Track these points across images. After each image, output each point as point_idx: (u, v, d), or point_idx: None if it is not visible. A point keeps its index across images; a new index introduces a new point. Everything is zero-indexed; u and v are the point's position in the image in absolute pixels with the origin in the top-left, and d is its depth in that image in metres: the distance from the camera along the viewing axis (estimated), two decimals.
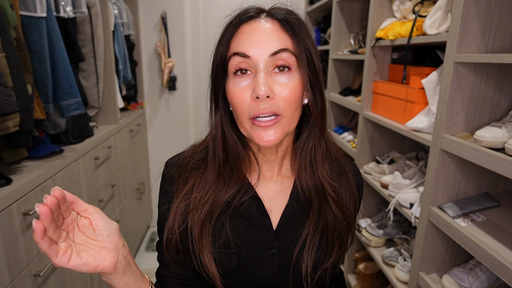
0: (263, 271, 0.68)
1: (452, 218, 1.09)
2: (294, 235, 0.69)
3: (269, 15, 0.61)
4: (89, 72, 1.83)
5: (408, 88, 1.37)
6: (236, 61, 0.59)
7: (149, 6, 2.72)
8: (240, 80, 0.60)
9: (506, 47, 1.04)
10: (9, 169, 1.24)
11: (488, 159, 0.91)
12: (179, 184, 0.69)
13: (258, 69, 0.58)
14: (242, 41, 0.59)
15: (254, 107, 0.59)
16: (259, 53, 0.58)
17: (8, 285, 1.03)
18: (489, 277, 1.12)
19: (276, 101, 0.58)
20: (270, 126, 0.59)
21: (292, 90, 0.59)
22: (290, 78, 0.59)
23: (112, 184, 1.99)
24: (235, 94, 0.60)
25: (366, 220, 1.80)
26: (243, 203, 0.67)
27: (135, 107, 2.68)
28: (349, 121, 2.27)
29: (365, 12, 2.09)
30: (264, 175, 0.71)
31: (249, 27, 0.60)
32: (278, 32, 0.59)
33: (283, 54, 0.58)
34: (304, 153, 0.69)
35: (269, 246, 0.68)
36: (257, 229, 0.68)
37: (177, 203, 0.67)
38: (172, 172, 0.71)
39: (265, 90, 0.56)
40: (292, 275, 0.68)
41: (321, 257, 0.69)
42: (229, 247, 0.66)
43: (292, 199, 0.70)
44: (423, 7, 1.28)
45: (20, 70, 1.13)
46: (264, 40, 0.58)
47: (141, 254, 2.58)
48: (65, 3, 1.55)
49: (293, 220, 0.69)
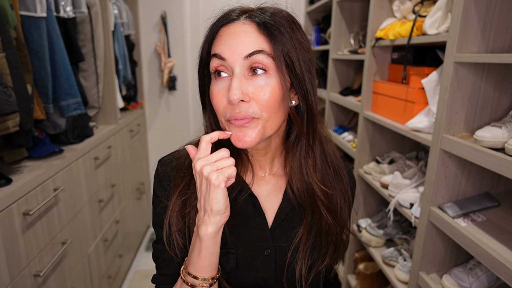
0: (259, 272, 0.68)
1: (452, 218, 1.09)
2: (288, 236, 0.69)
3: (248, 17, 0.60)
4: (89, 72, 1.83)
5: (408, 88, 1.37)
6: (214, 63, 0.60)
7: (149, 6, 2.72)
8: (219, 82, 0.61)
9: (506, 47, 1.04)
10: (9, 169, 1.24)
11: (488, 159, 0.91)
12: (176, 181, 0.69)
13: (234, 72, 0.58)
14: (220, 43, 0.60)
15: (229, 110, 0.59)
16: (234, 55, 0.58)
17: (8, 285, 1.03)
18: (489, 277, 1.12)
19: (251, 104, 0.58)
20: (245, 126, 0.59)
21: (269, 93, 0.58)
22: (267, 81, 0.58)
23: (112, 184, 1.99)
24: (213, 95, 0.61)
25: (366, 220, 1.80)
26: (238, 202, 0.68)
27: (135, 107, 2.68)
28: (349, 121, 2.27)
29: (365, 12, 2.09)
30: (257, 174, 0.71)
31: (227, 29, 0.60)
32: (255, 34, 0.58)
33: (259, 56, 0.57)
34: (294, 158, 0.69)
35: (264, 246, 0.68)
36: (252, 228, 0.68)
37: (173, 200, 0.67)
38: (168, 170, 0.71)
39: (237, 95, 0.56)
40: (286, 277, 0.68)
41: (315, 260, 0.69)
42: (226, 246, 0.67)
43: (285, 199, 0.70)
44: (423, 7, 1.28)
45: (20, 70, 1.13)
46: (240, 42, 0.58)
47: (141, 254, 2.58)
48: (65, 3, 1.55)
49: (287, 221, 0.70)
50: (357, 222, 1.83)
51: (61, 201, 1.37)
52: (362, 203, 1.85)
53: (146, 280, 2.24)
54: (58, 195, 1.34)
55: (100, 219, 1.80)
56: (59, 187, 1.33)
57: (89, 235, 1.65)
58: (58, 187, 1.32)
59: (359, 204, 1.86)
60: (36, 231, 1.19)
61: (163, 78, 2.75)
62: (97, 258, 1.73)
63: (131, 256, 2.41)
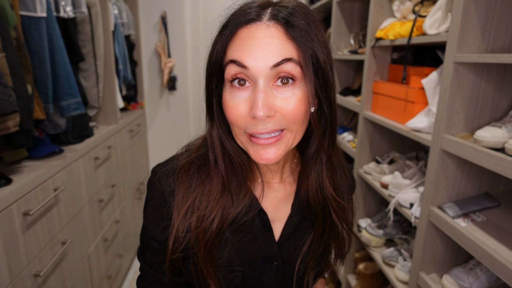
0: (265, 285, 0.65)
1: (452, 218, 1.09)
2: (298, 244, 0.67)
3: (273, 17, 0.52)
4: (89, 72, 1.83)
5: (408, 88, 1.37)
6: (233, 70, 0.52)
7: (149, 6, 2.72)
8: (237, 92, 0.53)
9: (506, 47, 1.04)
10: (9, 169, 1.24)
11: (488, 159, 0.91)
12: (178, 197, 0.61)
13: (257, 83, 0.51)
14: (240, 47, 0.52)
15: (251, 125, 0.53)
16: (258, 65, 0.50)
17: (8, 285, 1.03)
18: (489, 277, 1.12)
19: (277, 118, 0.52)
20: (271, 144, 0.53)
21: (296, 105, 0.52)
22: (294, 92, 0.52)
23: (112, 184, 1.99)
24: (230, 107, 0.54)
25: (366, 220, 1.80)
26: (246, 218, 0.62)
27: (135, 107, 2.68)
28: (349, 121, 2.27)
29: (365, 12, 2.08)
30: (266, 183, 0.66)
31: (248, 32, 0.52)
32: (282, 39, 0.51)
33: (287, 65, 0.51)
34: (313, 170, 0.63)
35: (272, 260, 0.65)
36: (260, 244, 0.64)
37: (178, 220, 0.60)
38: (165, 185, 0.63)
39: (265, 111, 0.50)
40: (294, 287, 0.67)
41: (321, 267, 0.69)
42: (232, 265, 0.63)
43: (294, 208, 0.67)
44: (423, 7, 1.28)
45: (20, 70, 1.13)
46: (265, 49, 0.50)
47: None
48: (65, 3, 1.55)
49: (296, 230, 0.67)
50: (357, 222, 1.83)
51: (61, 201, 1.37)
52: (362, 203, 1.85)
53: None
54: (58, 195, 1.34)
55: (100, 219, 1.80)
56: (59, 187, 1.33)
57: (89, 235, 1.65)
58: (58, 187, 1.32)
59: (359, 204, 1.86)
60: (36, 231, 1.19)
61: (163, 78, 2.75)
62: (97, 258, 1.73)
63: (131, 256, 2.41)
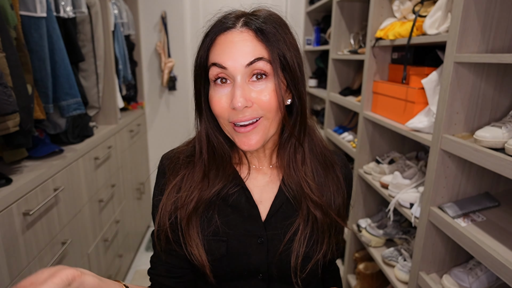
0: (250, 259, 0.70)
1: (452, 218, 1.09)
2: (284, 225, 0.72)
3: (245, 24, 0.63)
4: (89, 72, 1.83)
5: (408, 88, 1.37)
6: (215, 71, 0.63)
7: (149, 6, 2.72)
8: (220, 89, 0.64)
9: (506, 47, 1.04)
10: (9, 169, 1.24)
11: (488, 159, 0.91)
12: (169, 178, 0.73)
13: (235, 80, 0.61)
14: (219, 52, 0.62)
15: (232, 114, 0.63)
16: (235, 64, 0.61)
17: (8, 285, 1.03)
18: (489, 277, 1.12)
19: (254, 108, 0.62)
20: (250, 131, 0.64)
21: (270, 95, 0.62)
22: (267, 85, 0.62)
23: (112, 184, 1.99)
24: (215, 101, 0.64)
25: (366, 220, 1.80)
26: (232, 195, 0.71)
27: (135, 107, 2.68)
28: (349, 121, 2.27)
29: (365, 12, 2.09)
30: (253, 167, 0.75)
31: (225, 38, 0.62)
32: (253, 42, 0.61)
33: (259, 63, 0.61)
34: (284, 153, 0.73)
35: (257, 234, 0.71)
36: (245, 219, 0.71)
37: (165, 196, 0.71)
38: (165, 165, 0.76)
39: (242, 102, 0.60)
40: (279, 264, 0.70)
41: (312, 249, 0.71)
42: (218, 235, 0.70)
43: (281, 191, 0.73)
44: (423, 7, 1.28)
45: (20, 70, 1.13)
46: (240, 51, 0.61)
47: (141, 254, 2.58)
48: (65, 3, 1.55)
49: (282, 211, 0.73)
50: (357, 222, 1.83)
51: (61, 201, 1.37)
52: (362, 203, 1.85)
53: (146, 280, 2.23)
54: (58, 195, 1.34)
55: (100, 219, 1.80)
56: (59, 187, 1.33)
57: (89, 235, 1.65)
58: (58, 187, 1.32)
59: (359, 204, 1.86)
60: (36, 231, 1.19)
61: (163, 78, 2.75)
62: (97, 258, 1.73)
63: (131, 256, 2.41)
